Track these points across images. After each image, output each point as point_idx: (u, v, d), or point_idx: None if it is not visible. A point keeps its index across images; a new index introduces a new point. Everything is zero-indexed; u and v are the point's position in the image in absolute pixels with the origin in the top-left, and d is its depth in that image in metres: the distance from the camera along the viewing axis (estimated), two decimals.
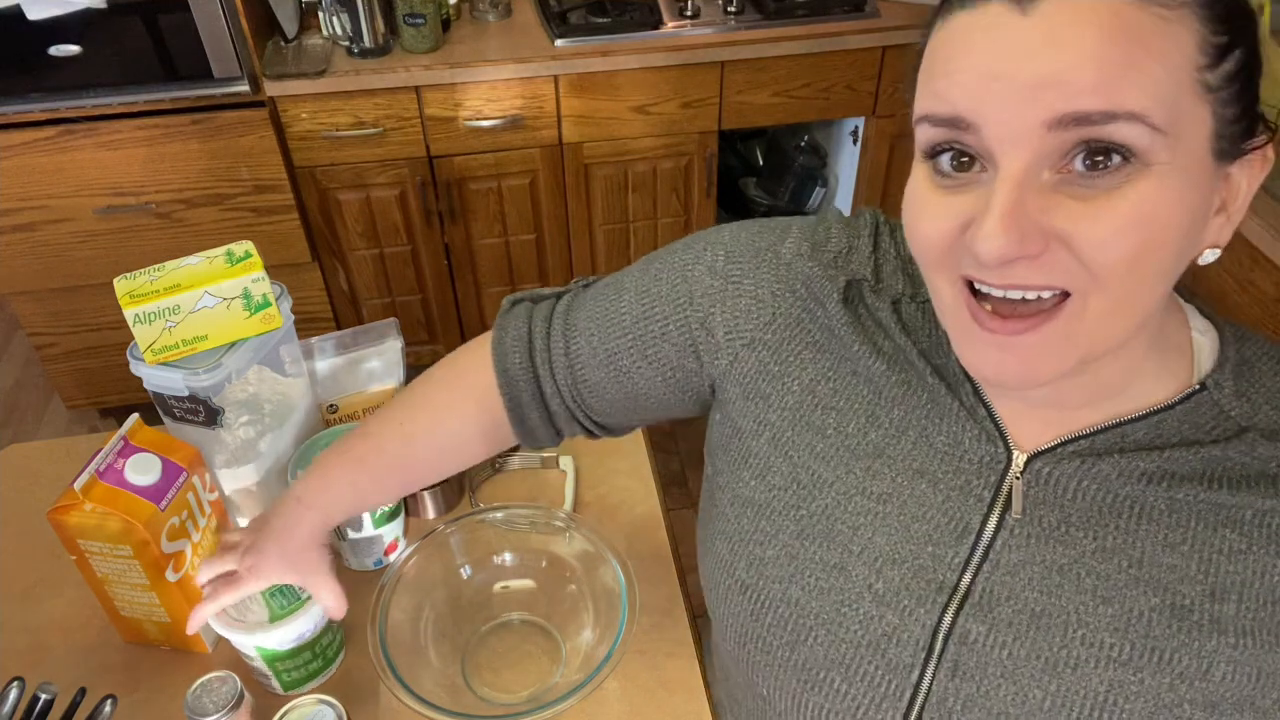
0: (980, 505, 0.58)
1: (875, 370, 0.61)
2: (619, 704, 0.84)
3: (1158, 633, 0.54)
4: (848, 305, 0.63)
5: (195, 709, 0.74)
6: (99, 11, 1.69)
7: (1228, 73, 0.45)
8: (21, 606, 0.94)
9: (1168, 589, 0.54)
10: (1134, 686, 0.54)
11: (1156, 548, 0.54)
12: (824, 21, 2.01)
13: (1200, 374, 0.56)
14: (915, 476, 0.59)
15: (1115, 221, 0.45)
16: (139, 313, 0.81)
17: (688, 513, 2.13)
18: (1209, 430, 0.54)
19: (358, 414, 1.04)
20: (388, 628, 0.80)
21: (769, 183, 2.49)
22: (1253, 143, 0.48)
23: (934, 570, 0.58)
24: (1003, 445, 0.57)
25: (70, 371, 2.18)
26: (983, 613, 0.57)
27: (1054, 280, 0.47)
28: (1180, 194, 0.45)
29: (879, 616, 0.59)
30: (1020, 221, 0.45)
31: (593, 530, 0.86)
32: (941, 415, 0.59)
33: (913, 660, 0.58)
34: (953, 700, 0.57)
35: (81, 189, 1.88)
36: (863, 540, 0.60)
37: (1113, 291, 0.47)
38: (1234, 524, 0.53)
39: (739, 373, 0.66)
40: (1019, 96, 0.44)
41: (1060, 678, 0.55)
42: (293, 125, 1.90)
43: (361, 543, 0.94)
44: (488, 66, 1.89)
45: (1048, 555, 0.56)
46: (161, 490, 0.81)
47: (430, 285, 2.21)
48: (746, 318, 0.66)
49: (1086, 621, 0.55)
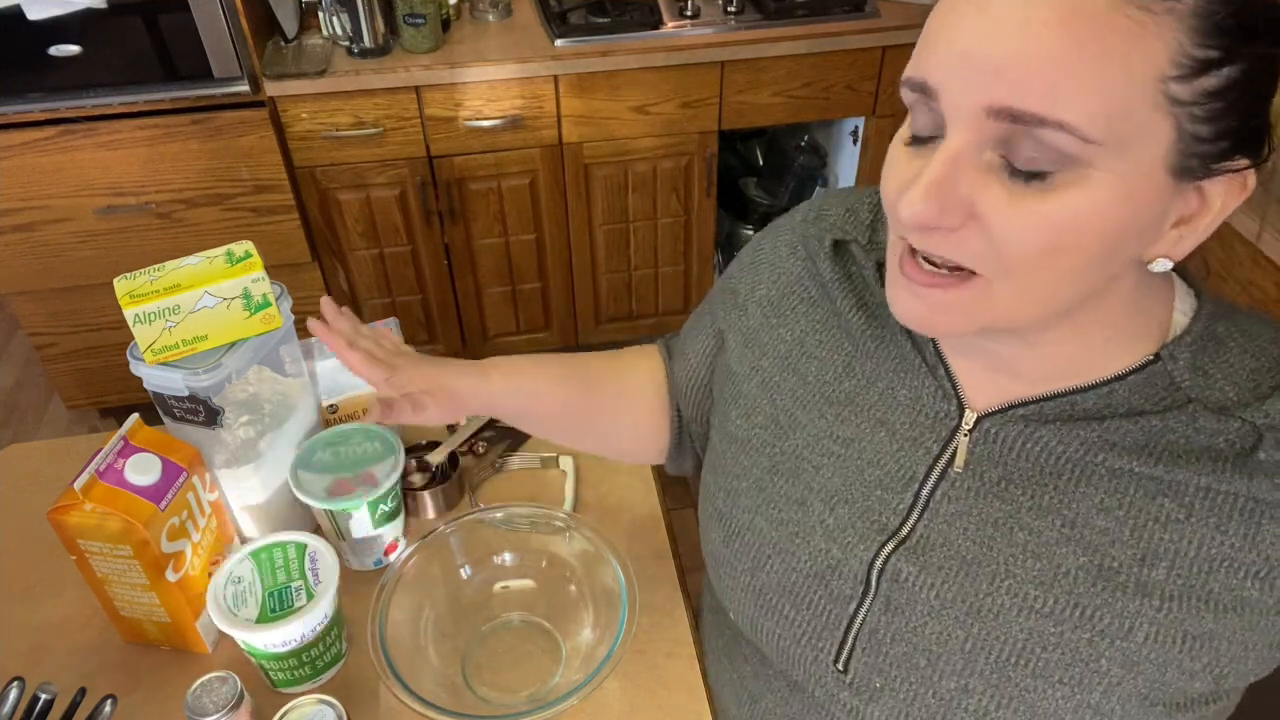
0: (927, 457, 0.61)
1: (855, 324, 0.65)
2: (619, 704, 0.84)
3: (1081, 590, 0.55)
4: (837, 262, 0.67)
5: (195, 709, 0.74)
6: (99, 11, 1.69)
7: (1207, 89, 0.43)
8: (21, 606, 0.94)
9: (1097, 550, 0.55)
10: (1053, 638, 0.56)
11: (1091, 510, 0.55)
12: (824, 21, 2.01)
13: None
14: (877, 425, 0.63)
15: (1033, 219, 0.46)
16: (139, 313, 0.81)
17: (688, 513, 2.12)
18: (1156, 401, 0.55)
19: (357, 414, 1.04)
20: (388, 628, 0.80)
21: (769, 183, 2.49)
22: (1229, 165, 0.46)
23: (879, 512, 0.62)
24: (956, 404, 0.60)
25: (70, 371, 2.18)
26: (916, 555, 0.60)
27: (964, 260, 0.49)
28: (1113, 204, 0.45)
29: (826, 550, 0.64)
30: (944, 193, 0.47)
31: (593, 530, 0.86)
32: (906, 370, 0.63)
33: (851, 593, 0.63)
34: (883, 632, 0.62)
35: (81, 189, 1.88)
36: (823, 479, 0.65)
37: (1020, 281, 0.49)
38: (1173, 494, 0.54)
39: (744, 324, 0.73)
40: (971, 77, 0.45)
41: (982, 621, 0.58)
42: (293, 125, 1.90)
43: (361, 543, 0.94)
44: (488, 66, 1.89)
45: (985, 509, 0.59)
46: (161, 490, 0.81)
47: (430, 285, 2.21)
48: (760, 278, 0.72)
49: (1014, 573, 0.57)
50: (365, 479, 0.92)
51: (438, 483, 1.02)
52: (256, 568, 0.83)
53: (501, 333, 2.35)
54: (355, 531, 0.92)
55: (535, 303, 2.32)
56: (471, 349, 2.34)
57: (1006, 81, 0.43)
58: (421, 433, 1.10)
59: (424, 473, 1.04)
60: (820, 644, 0.65)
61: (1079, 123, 0.43)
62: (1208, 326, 0.56)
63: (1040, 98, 0.43)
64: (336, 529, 0.92)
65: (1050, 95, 0.43)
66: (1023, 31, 0.43)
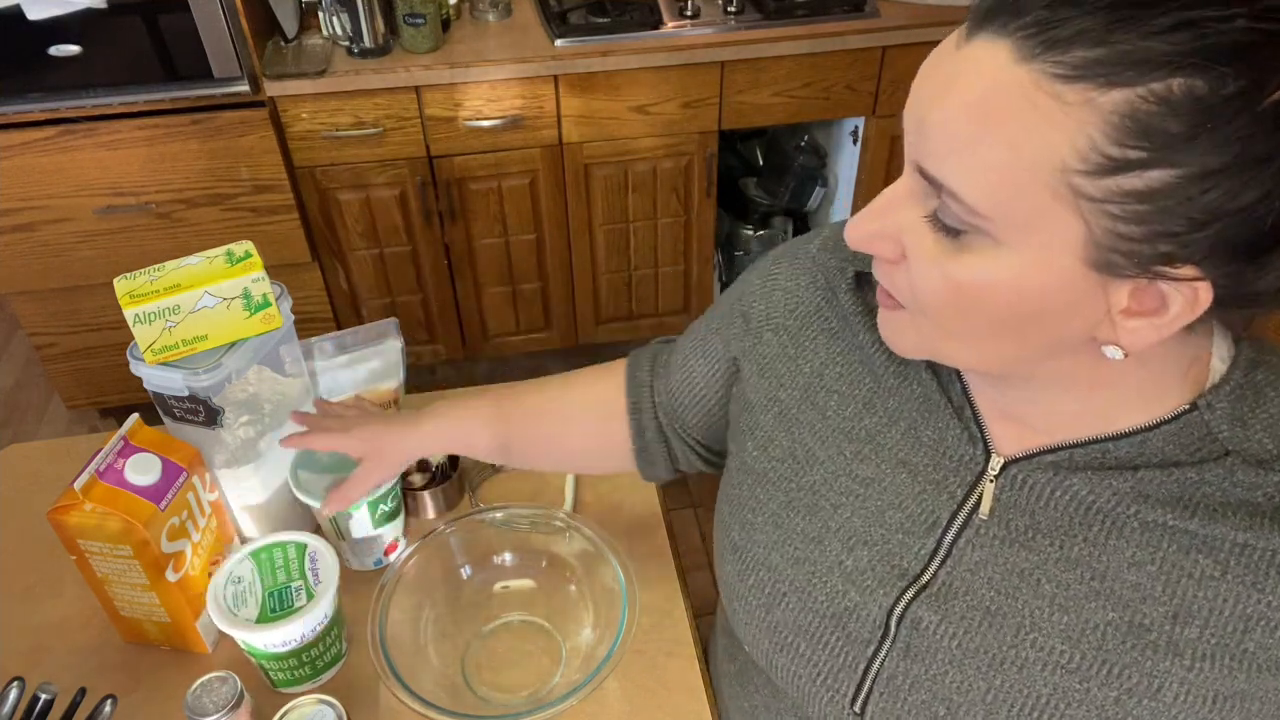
0: (952, 502, 0.60)
1: (878, 359, 0.64)
2: (619, 704, 0.84)
3: (1110, 646, 0.54)
4: (859, 295, 0.66)
5: (195, 709, 0.74)
6: (99, 11, 1.69)
7: (1124, 189, 0.41)
8: (21, 606, 0.94)
9: (1128, 606, 0.54)
10: (1078, 694, 0.55)
11: (1122, 564, 0.54)
12: (824, 21, 2.01)
13: None
14: (898, 466, 0.62)
15: (941, 273, 0.48)
16: (139, 313, 0.81)
17: (688, 513, 2.12)
18: (1192, 452, 0.53)
19: None
20: (388, 628, 0.80)
21: (769, 183, 2.49)
22: (1173, 272, 0.43)
23: (900, 556, 0.61)
24: (983, 447, 0.59)
25: (70, 371, 2.18)
26: (938, 603, 0.59)
27: (893, 291, 0.53)
28: (1017, 281, 0.46)
29: (844, 592, 0.62)
30: (880, 223, 0.50)
31: (593, 530, 0.86)
32: (930, 410, 0.61)
33: (870, 637, 0.61)
34: (901, 679, 0.60)
35: (81, 189, 1.88)
36: (841, 519, 0.63)
37: (939, 325, 0.51)
38: (1209, 550, 0.52)
39: (759, 353, 0.71)
40: (909, 129, 0.48)
41: (1005, 674, 0.56)
42: (293, 125, 1.90)
43: (361, 543, 0.94)
44: (488, 66, 1.89)
45: (1010, 558, 0.57)
46: (161, 490, 0.81)
47: (430, 285, 2.21)
48: (775, 305, 0.71)
49: (1039, 626, 0.56)
50: None
51: (438, 483, 1.02)
52: (256, 568, 0.83)
53: (501, 333, 2.35)
54: (355, 531, 0.92)
55: (535, 303, 2.32)
56: (471, 349, 2.34)
57: (923, 144, 0.46)
58: None
59: (424, 473, 1.04)
60: (837, 685, 0.63)
61: (965, 193, 0.44)
62: (1247, 375, 0.53)
63: (939, 164, 0.45)
64: (336, 529, 0.92)
65: (946, 163, 0.45)
66: (941, 100, 0.45)
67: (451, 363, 2.39)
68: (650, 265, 2.31)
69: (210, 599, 0.81)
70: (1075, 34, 0.40)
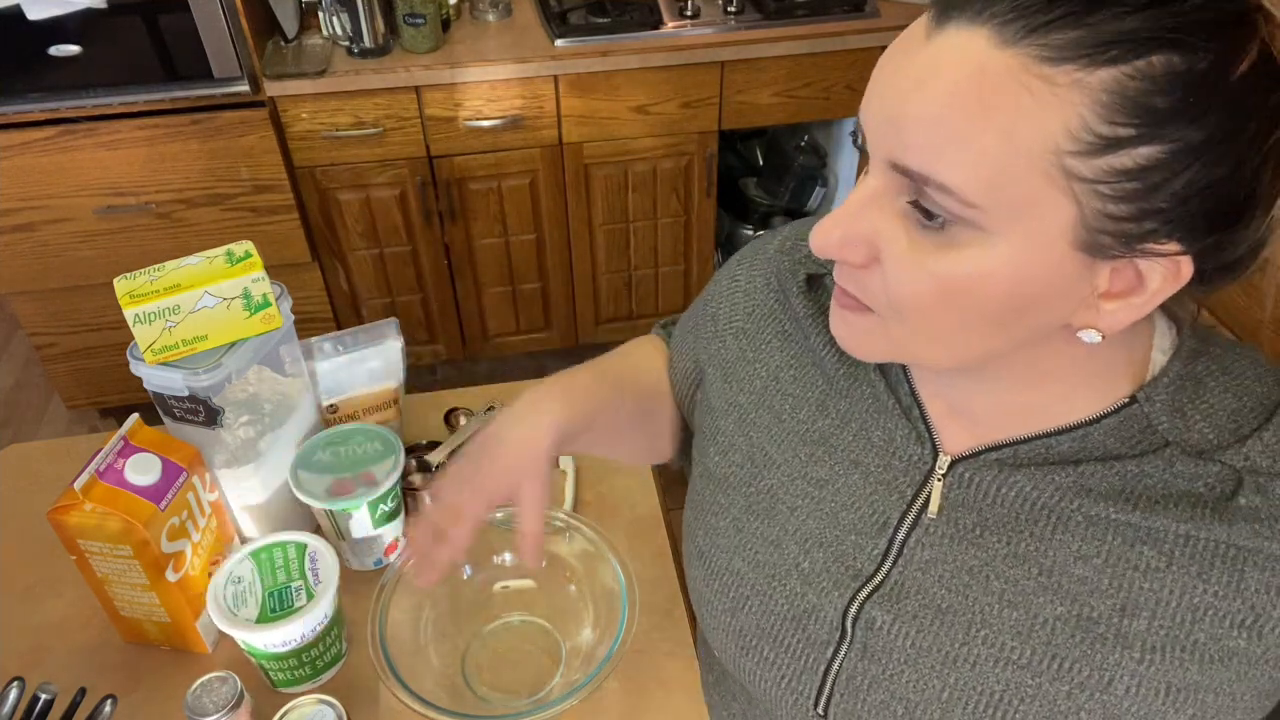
0: (901, 502, 0.60)
1: (829, 361, 0.64)
2: (619, 704, 0.84)
3: (1060, 640, 0.54)
4: (811, 297, 0.66)
5: (195, 709, 0.74)
6: (99, 11, 1.69)
7: (1115, 167, 0.41)
8: (21, 606, 0.94)
9: (1076, 599, 0.54)
10: (1030, 689, 0.55)
11: (1069, 558, 0.54)
12: (824, 21, 2.01)
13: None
14: (851, 467, 0.62)
15: (924, 271, 0.47)
16: (139, 313, 0.81)
17: None
18: (1132, 444, 0.53)
19: (357, 414, 1.04)
20: (388, 628, 0.80)
21: (769, 183, 2.49)
22: (1156, 248, 0.44)
23: (853, 558, 0.61)
24: (930, 447, 0.59)
25: (70, 371, 2.18)
26: (890, 603, 0.59)
27: (862, 296, 0.51)
28: (1007, 270, 0.45)
29: (802, 594, 0.63)
30: (848, 227, 0.48)
31: (593, 530, 0.86)
32: (880, 411, 0.61)
33: (828, 638, 0.62)
34: (860, 679, 0.61)
35: (81, 189, 1.88)
36: (798, 521, 0.64)
37: (913, 326, 0.49)
38: (1153, 542, 0.52)
39: (721, 357, 0.71)
40: (878, 130, 0.46)
41: (959, 672, 0.57)
42: (293, 125, 1.90)
43: (361, 543, 0.94)
44: (488, 66, 1.89)
45: (960, 556, 0.57)
46: (161, 490, 0.81)
47: (430, 285, 2.21)
48: (736, 308, 0.71)
49: (990, 622, 0.56)
50: (365, 479, 0.92)
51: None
52: (256, 568, 0.83)
53: (501, 333, 2.35)
54: (355, 531, 0.92)
55: (535, 303, 2.32)
56: (471, 349, 2.34)
57: (901, 139, 0.45)
58: (422, 432, 1.10)
59: (424, 473, 1.04)
60: (800, 687, 0.64)
61: (957, 185, 0.43)
62: (1187, 366, 0.53)
63: (925, 158, 0.44)
64: (336, 529, 0.92)
65: (934, 156, 0.44)
66: (919, 92, 0.44)
67: (451, 363, 2.39)
68: (650, 265, 2.31)
69: (210, 599, 0.81)
70: (1053, 17, 0.40)
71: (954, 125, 0.43)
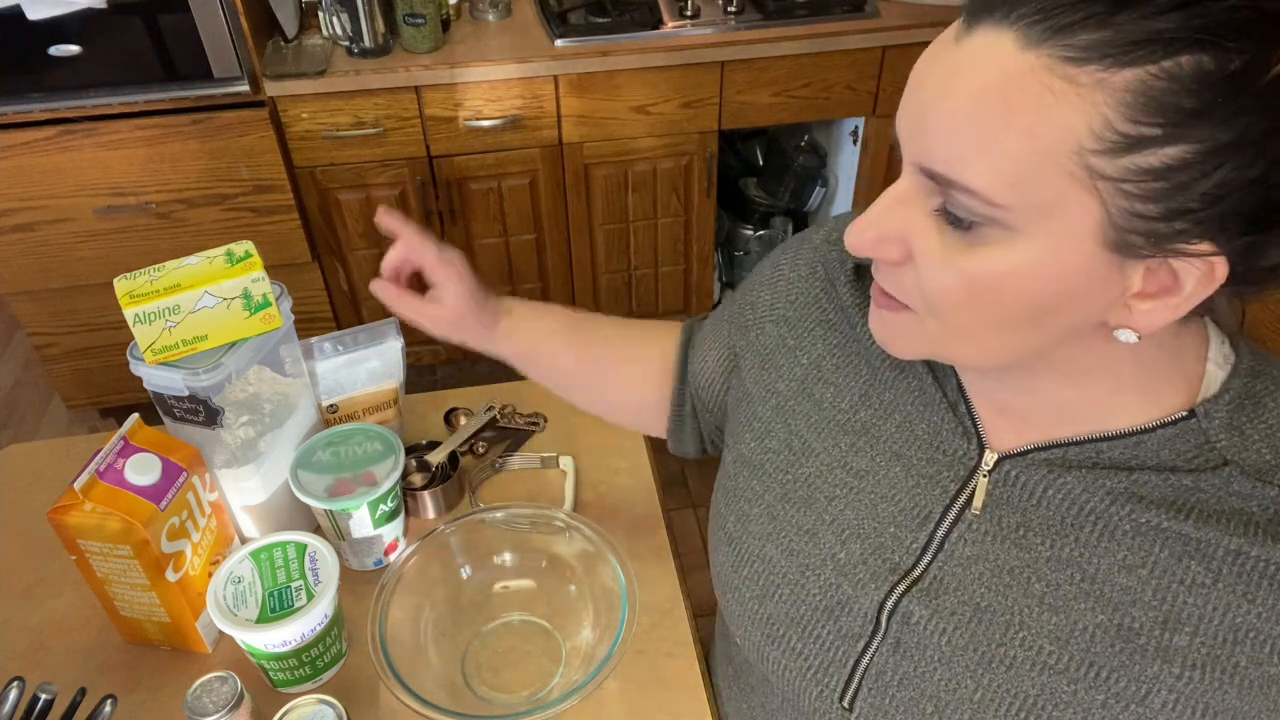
0: (944, 496, 0.59)
1: (875, 351, 0.64)
2: (619, 704, 0.84)
3: (1099, 649, 0.54)
4: (858, 287, 0.66)
5: (195, 709, 0.74)
6: (99, 11, 1.69)
7: (1141, 166, 0.41)
8: (21, 606, 0.94)
9: (1118, 609, 0.53)
10: (1065, 695, 0.54)
11: (1113, 567, 0.54)
12: (824, 21, 2.01)
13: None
14: (892, 459, 0.62)
15: (955, 270, 0.47)
16: (139, 313, 0.81)
17: (688, 513, 2.12)
18: (1189, 459, 0.53)
19: (358, 414, 1.04)
20: (388, 628, 0.80)
21: (769, 183, 2.49)
22: (1189, 249, 0.43)
23: (892, 550, 0.61)
24: (977, 442, 0.59)
25: (70, 371, 2.18)
26: (928, 598, 0.59)
27: (899, 294, 0.52)
28: (1035, 269, 0.45)
29: (836, 585, 0.62)
30: (883, 227, 0.49)
31: (593, 530, 0.86)
32: (925, 404, 0.61)
33: (860, 631, 0.61)
34: (890, 674, 0.60)
35: (81, 189, 1.88)
36: (835, 511, 0.63)
37: (947, 323, 0.50)
38: (1201, 557, 0.52)
39: (760, 344, 0.71)
40: (907, 134, 0.47)
41: (994, 673, 0.56)
42: (293, 125, 1.90)
43: (361, 543, 0.94)
44: (488, 66, 1.89)
45: (1001, 555, 0.57)
46: (161, 490, 0.81)
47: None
48: (779, 295, 0.71)
49: (1028, 625, 0.56)
50: (365, 479, 0.92)
51: (438, 483, 1.02)
52: (256, 568, 0.83)
53: None
54: (355, 531, 0.92)
55: None
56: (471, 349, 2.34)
57: (926, 144, 0.46)
58: (422, 432, 1.10)
59: (424, 473, 1.04)
60: (826, 680, 0.63)
61: (982, 188, 0.44)
62: (1247, 384, 0.53)
63: (949, 162, 0.45)
64: (336, 529, 0.92)
65: (958, 160, 0.44)
66: (943, 97, 0.44)
67: (451, 363, 2.39)
68: (650, 265, 2.31)
69: (210, 599, 0.81)
70: (1079, 18, 0.40)
71: (977, 128, 0.43)
